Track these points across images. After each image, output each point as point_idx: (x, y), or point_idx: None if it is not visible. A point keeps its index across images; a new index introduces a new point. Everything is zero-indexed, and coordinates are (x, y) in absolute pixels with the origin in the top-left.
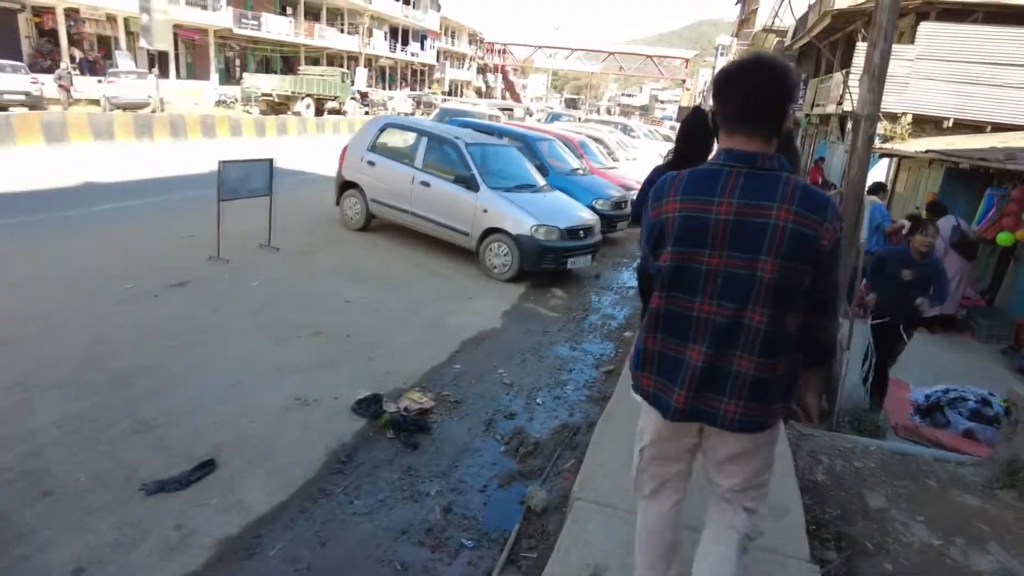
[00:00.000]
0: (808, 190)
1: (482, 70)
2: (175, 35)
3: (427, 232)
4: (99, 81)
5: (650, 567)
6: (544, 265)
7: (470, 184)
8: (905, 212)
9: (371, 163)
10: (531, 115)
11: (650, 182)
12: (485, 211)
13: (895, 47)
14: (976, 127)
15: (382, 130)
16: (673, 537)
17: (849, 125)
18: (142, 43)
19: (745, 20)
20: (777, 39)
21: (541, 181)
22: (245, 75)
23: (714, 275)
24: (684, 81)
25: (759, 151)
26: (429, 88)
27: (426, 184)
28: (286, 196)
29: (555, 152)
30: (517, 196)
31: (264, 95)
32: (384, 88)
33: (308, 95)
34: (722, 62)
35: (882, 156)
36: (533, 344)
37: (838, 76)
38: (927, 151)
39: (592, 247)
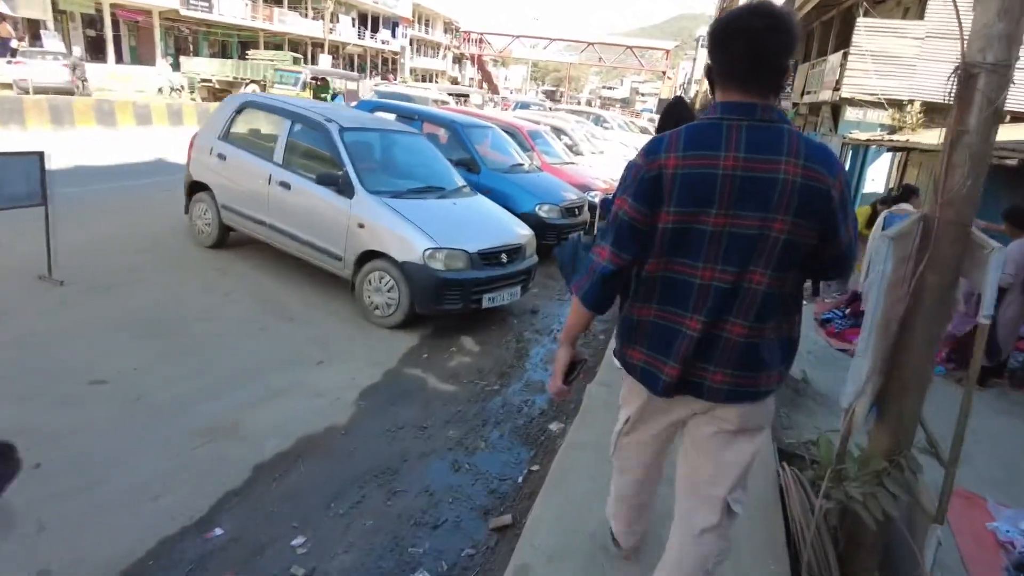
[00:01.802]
0: (811, 142)
1: (458, 59)
2: (114, 16)
3: (292, 252)
4: (8, 63)
5: (624, 519)
6: (445, 306)
7: (341, 186)
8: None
9: (221, 156)
10: (494, 104)
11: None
12: (361, 226)
13: (900, 23)
14: None
15: (239, 112)
16: (647, 499)
17: (865, 113)
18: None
19: (726, 8)
20: None
21: (458, 182)
22: (183, 59)
23: (718, 236)
24: (664, 73)
25: (757, 102)
26: (399, 77)
27: (286, 186)
28: (155, 198)
29: (496, 143)
30: (411, 205)
31: (204, 81)
32: None
33: (253, 81)
34: (703, 54)
35: (890, 150)
36: (391, 459)
37: (834, 59)
38: None
39: (522, 275)
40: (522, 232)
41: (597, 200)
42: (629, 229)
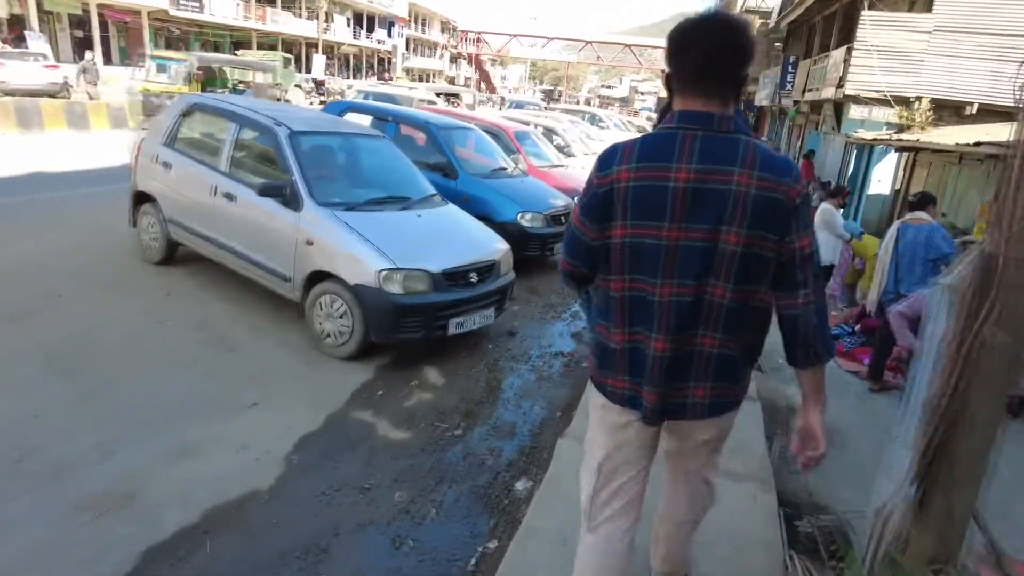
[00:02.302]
0: (768, 152)
1: (455, 59)
2: (102, 16)
3: (239, 271)
4: None
5: None
6: (404, 335)
7: (288, 198)
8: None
9: (166, 165)
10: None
11: None
12: (310, 243)
13: (907, 16)
14: (1006, 114)
15: (185, 114)
16: (626, 565)
17: (870, 111)
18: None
19: (727, 4)
20: (761, 20)
21: (427, 191)
22: (88, 52)
23: (673, 251)
24: (663, 71)
25: (715, 111)
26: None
27: (231, 197)
28: (112, 208)
29: (477, 146)
30: (368, 218)
31: None
32: (349, 77)
33: (241, 82)
34: None
35: (898, 150)
36: (321, 532)
37: (837, 54)
38: (977, 143)
39: (496, 296)
40: (497, 247)
41: None
42: (577, 241)
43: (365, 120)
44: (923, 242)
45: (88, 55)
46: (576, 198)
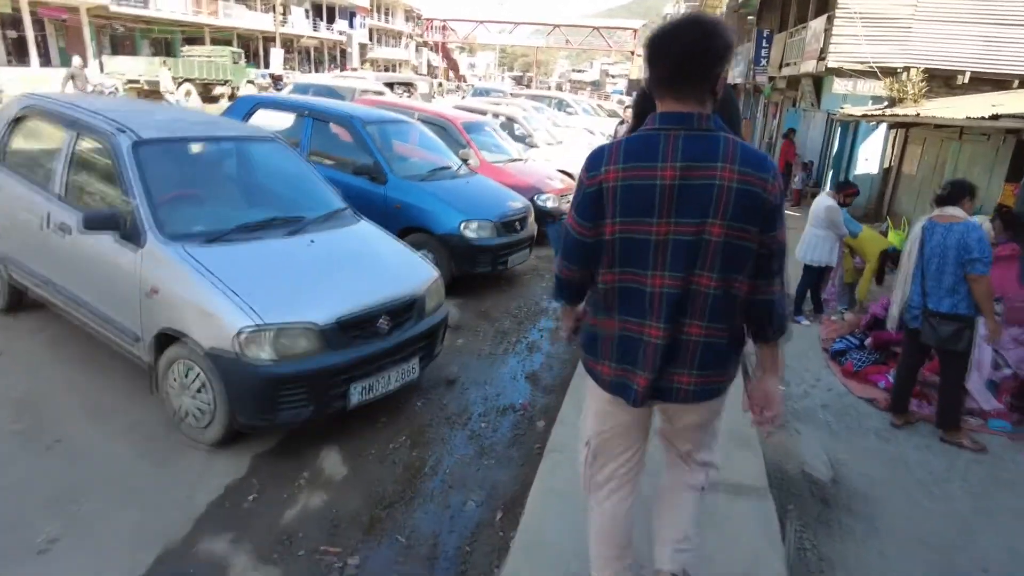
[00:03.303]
0: (747, 148)
1: (420, 48)
2: (36, 15)
3: (86, 326)
4: None
5: (605, 562)
6: (283, 414)
7: (128, 231)
8: (924, 205)
9: None
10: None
11: None
12: (154, 292)
13: None
14: (1000, 82)
15: (17, 120)
16: (627, 536)
17: (855, 84)
18: None
19: None
20: None
21: (332, 205)
22: (104, 58)
23: (663, 244)
24: (633, 52)
25: (693, 111)
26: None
27: (65, 229)
28: None
29: (417, 142)
30: (232, 253)
31: (130, 82)
32: (311, 70)
33: (187, 79)
34: None
35: (891, 126)
36: None
37: (816, 24)
38: (994, 116)
39: (419, 343)
40: (421, 276)
41: (550, 205)
42: (575, 243)
43: (281, 117)
44: (954, 245)
45: (76, 60)
46: (537, 197)
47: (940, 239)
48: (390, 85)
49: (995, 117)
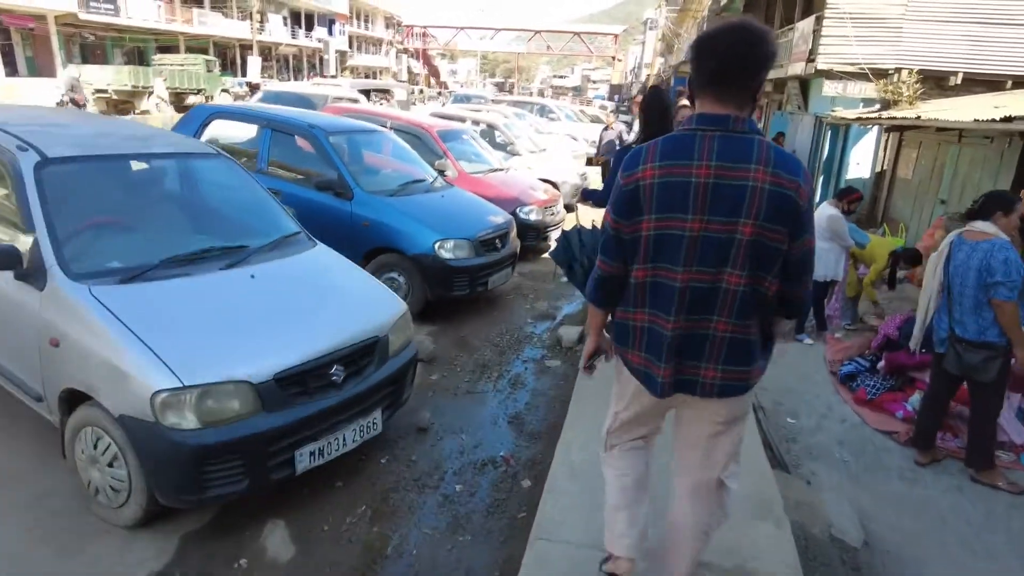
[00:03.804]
0: (781, 151)
1: (401, 55)
2: (1, 23)
3: None
4: None
5: (626, 524)
6: (212, 490)
7: (28, 269)
8: (922, 210)
9: None
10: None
11: (619, 162)
12: (55, 343)
13: None
14: (992, 83)
15: None
16: (645, 472)
17: (845, 86)
18: None
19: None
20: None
21: (283, 229)
22: (71, 67)
23: (695, 241)
24: (614, 58)
25: (731, 113)
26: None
27: None
28: None
29: (387, 153)
30: (154, 293)
31: (99, 92)
32: (290, 78)
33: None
34: (651, 36)
35: (887, 130)
36: None
37: (804, 25)
38: (1007, 118)
39: (379, 394)
40: (383, 315)
41: (533, 218)
42: (613, 241)
43: (240, 128)
44: (976, 266)
45: (74, 71)
46: (519, 210)
47: (964, 258)
48: (366, 92)
49: (1008, 119)
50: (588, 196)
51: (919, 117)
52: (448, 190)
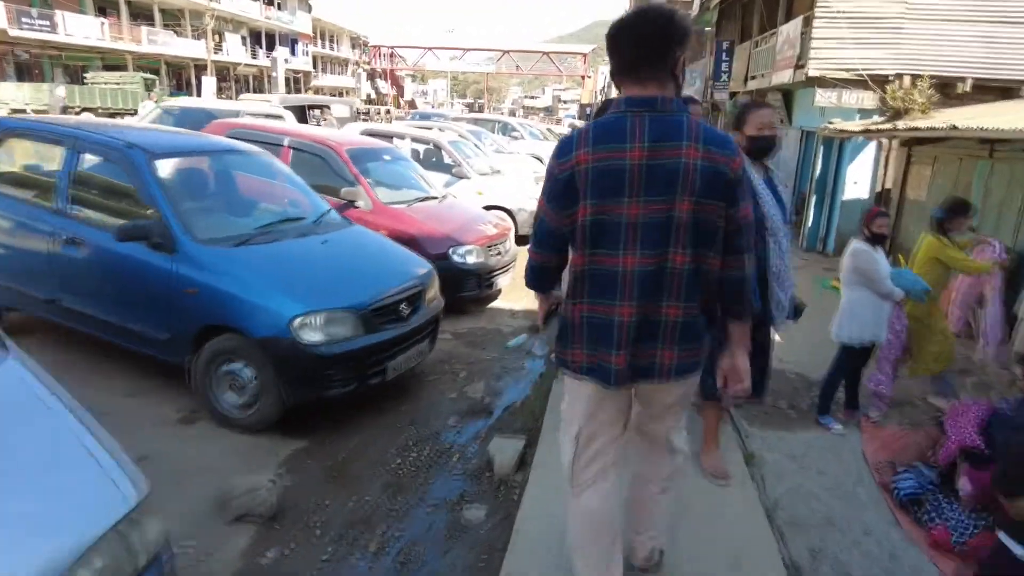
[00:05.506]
0: (709, 128)
1: (371, 76)
2: None
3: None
4: None
5: (599, 558)
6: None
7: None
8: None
9: None
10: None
11: None
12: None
13: None
14: (1006, 89)
15: None
16: (616, 522)
17: (840, 95)
18: None
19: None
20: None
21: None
22: (60, 87)
23: (634, 225)
24: (584, 77)
25: (656, 95)
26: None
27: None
28: None
29: (272, 178)
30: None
31: (15, 111)
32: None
33: (88, 109)
34: None
35: (903, 143)
36: None
37: (789, 28)
38: None
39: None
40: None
41: (471, 261)
42: (546, 230)
43: (44, 149)
44: None
45: (61, 90)
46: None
47: None
48: (301, 108)
49: None
50: None
51: (955, 127)
52: (339, 232)
